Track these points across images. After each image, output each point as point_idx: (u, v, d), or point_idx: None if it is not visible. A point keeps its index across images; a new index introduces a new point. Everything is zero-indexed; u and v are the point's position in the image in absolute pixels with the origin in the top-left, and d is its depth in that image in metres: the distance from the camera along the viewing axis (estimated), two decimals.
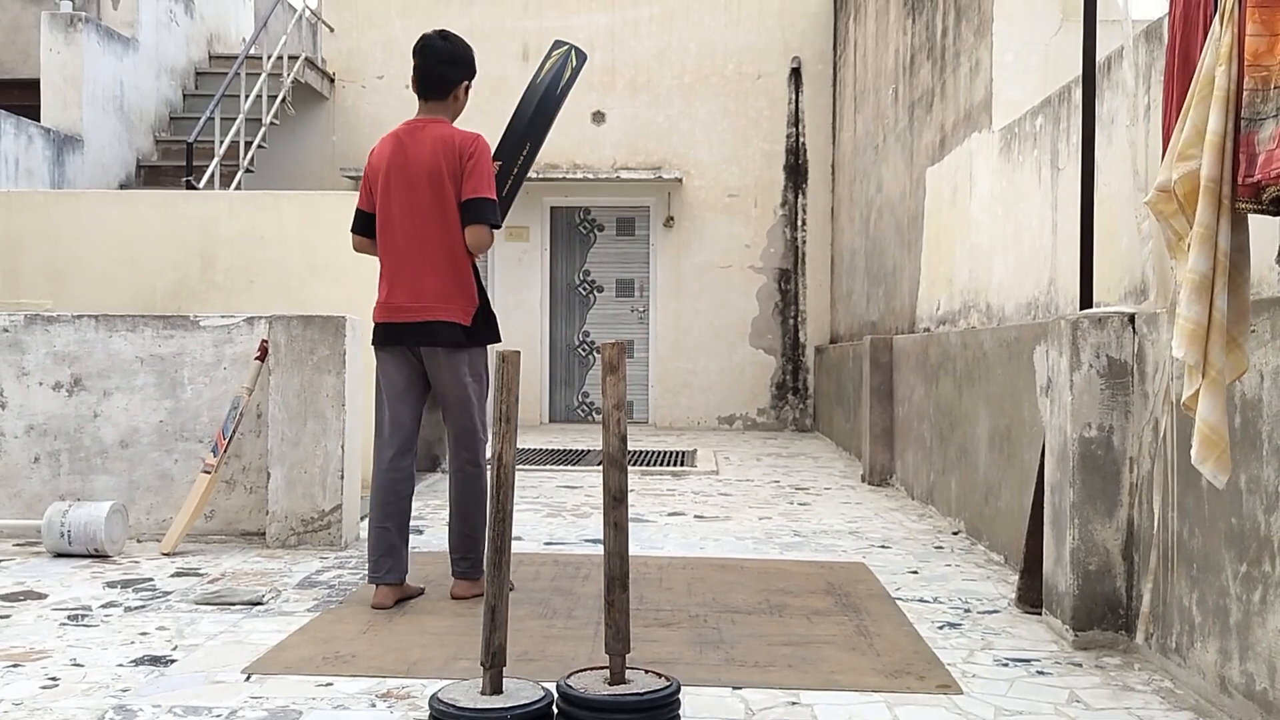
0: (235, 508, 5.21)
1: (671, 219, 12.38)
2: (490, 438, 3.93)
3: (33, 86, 10.10)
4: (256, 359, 5.06)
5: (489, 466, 3.90)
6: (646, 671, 2.79)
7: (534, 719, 2.57)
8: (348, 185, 12.07)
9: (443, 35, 4.06)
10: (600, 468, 3.26)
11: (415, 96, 4.08)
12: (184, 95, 11.76)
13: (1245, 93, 2.40)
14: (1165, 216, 2.70)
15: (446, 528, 4.14)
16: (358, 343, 5.21)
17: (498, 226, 3.97)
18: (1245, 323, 2.55)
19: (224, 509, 5.21)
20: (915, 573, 4.65)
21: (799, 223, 12.40)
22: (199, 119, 9.95)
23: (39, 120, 9.68)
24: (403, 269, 3.95)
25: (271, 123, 10.94)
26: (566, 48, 4.21)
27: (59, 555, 4.76)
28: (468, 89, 4.10)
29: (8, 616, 3.76)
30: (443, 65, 4.02)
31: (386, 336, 3.99)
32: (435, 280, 3.92)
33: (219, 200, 7.15)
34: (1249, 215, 2.51)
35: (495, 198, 3.94)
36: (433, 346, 3.94)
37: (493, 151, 4.09)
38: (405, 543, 4.00)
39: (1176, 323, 2.52)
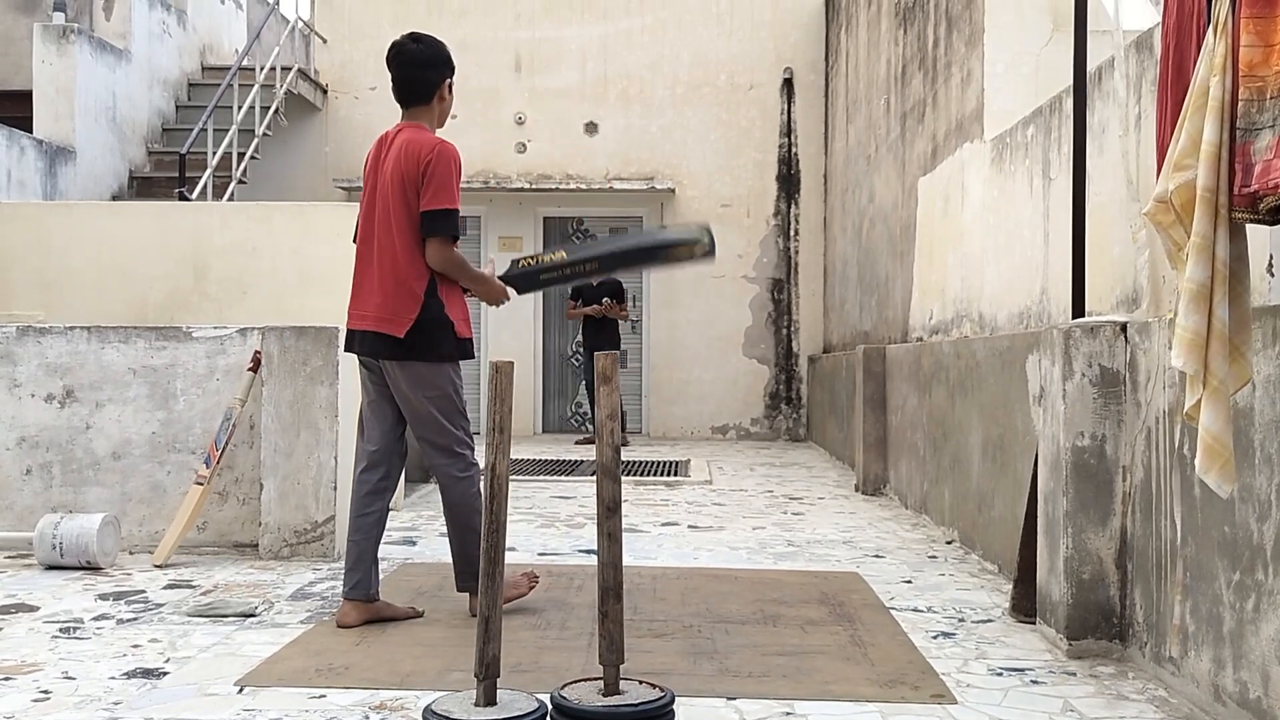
0: (228, 519, 5.19)
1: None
2: (470, 449, 3.94)
3: (25, 98, 10.08)
4: (249, 370, 5.06)
5: (479, 477, 3.92)
6: (641, 682, 2.78)
7: None
8: (340, 196, 12.06)
9: (414, 38, 3.95)
10: (593, 478, 3.25)
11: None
12: (177, 106, 11.75)
13: (1240, 103, 2.40)
14: (1164, 227, 2.70)
15: (440, 539, 4.13)
16: (351, 354, 5.20)
17: (456, 237, 3.81)
18: (1247, 332, 2.55)
19: (216, 520, 5.19)
20: (909, 582, 4.65)
21: (791, 233, 12.42)
22: (192, 130, 9.93)
23: (31, 132, 9.67)
24: (358, 276, 3.94)
25: (264, 134, 10.93)
26: (708, 242, 3.95)
27: (51, 568, 4.74)
28: (450, 87, 4.00)
29: None
30: (422, 70, 3.91)
31: (346, 342, 4.00)
32: (378, 290, 3.84)
33: (212, 211, 7.14)
34: (1246, 225, 2.52)
35: (455, 207, 3.76)
36: (375, 358, 3.90)
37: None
38: (373, 560, 3.88)
39: (1175, 333, 2.52)
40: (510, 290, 3.97)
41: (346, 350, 4.02)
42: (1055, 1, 5.70)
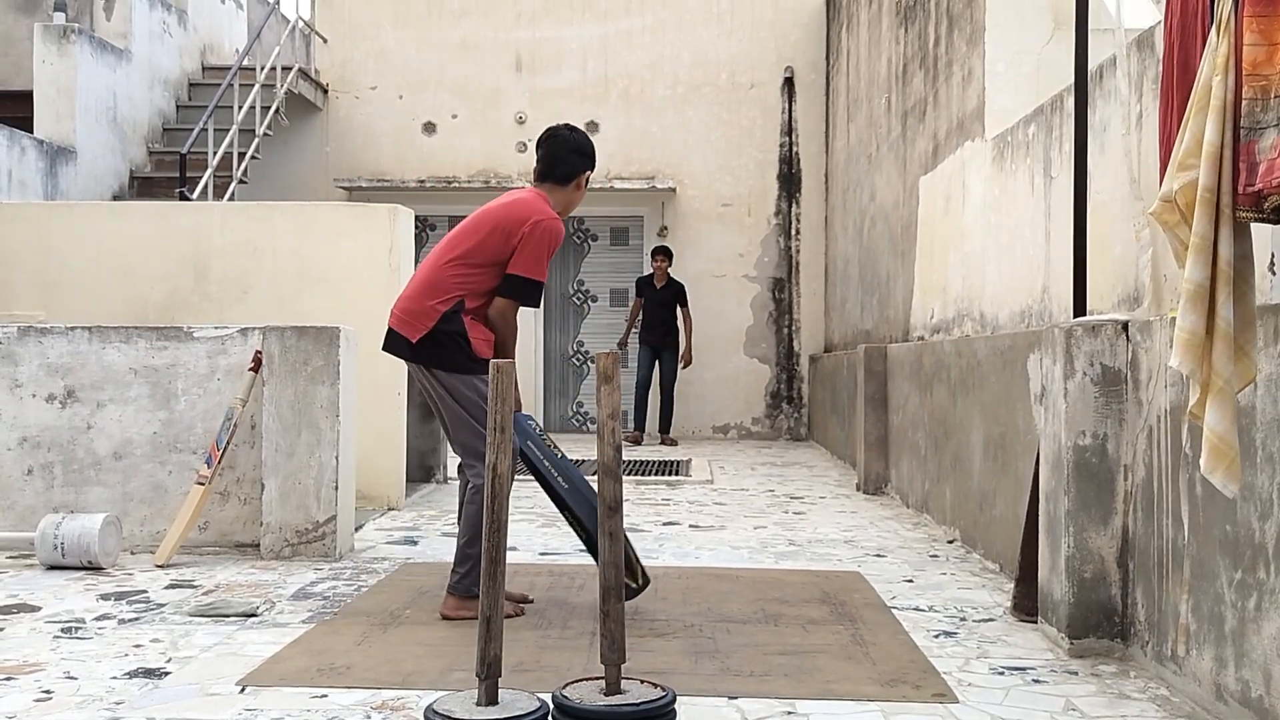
0: (229, 519, 5.19)
1: (665, 228, 12.39)
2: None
3: (26, 98, 10.09)
4: (250, 370, 5.06)
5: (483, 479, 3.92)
6: (642, 682, 2.78)
7: None
8: (341, 196, 12.07)
9: (570, 128, 4.26)
10: (595, 477, 3.22)
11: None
12: (177, 106, 11.75)
13: (1244, 102, 2.40)
14: (1170, 227, 2.69)
15: (441, 539, 4.13)
16: (352, 353, 5.21)
17: (532, 305, 4.06)
18: (1252, 331, 2.55)
19: (218, 520, 5.19)
20: (910, 581, 4.65)
21: (792, 232, 12.41)
22: (192, 130, 9.92)
23: (32, 132, 9.67)
24: (411, 279, 4.17)
25: (265, 133, 10.92)
26: (638, 587, 3.96)
27: (52, 568, 4.74)
28: (588, 180, 4.24)
29: (1, 629, 3.74)
30: (573, 154, 4.18)
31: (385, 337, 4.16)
32: (410, 295, 4.06)
33: (212, 211, 7.13)
34: (1250, 224, 2.51)
35: (542, 281, 3.99)
36: (396, 356, 4.10)
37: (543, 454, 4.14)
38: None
39: (1175, 333, 2.52)
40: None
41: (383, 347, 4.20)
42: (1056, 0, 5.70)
